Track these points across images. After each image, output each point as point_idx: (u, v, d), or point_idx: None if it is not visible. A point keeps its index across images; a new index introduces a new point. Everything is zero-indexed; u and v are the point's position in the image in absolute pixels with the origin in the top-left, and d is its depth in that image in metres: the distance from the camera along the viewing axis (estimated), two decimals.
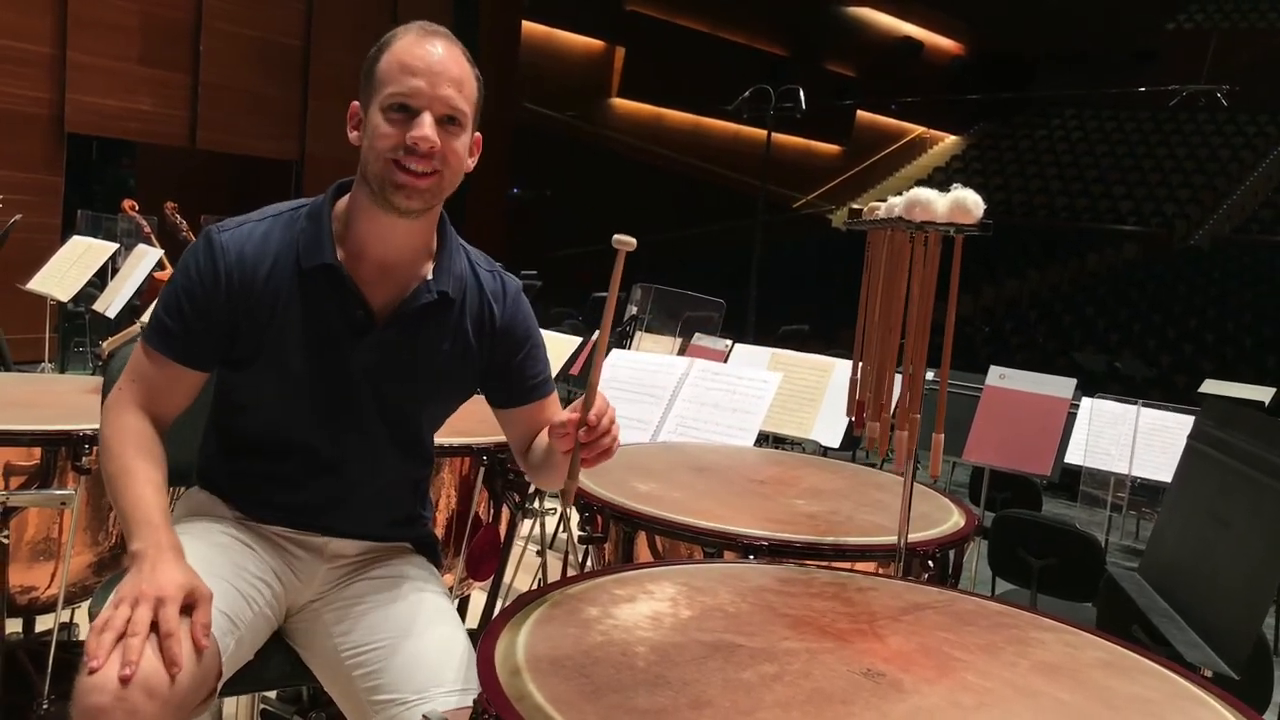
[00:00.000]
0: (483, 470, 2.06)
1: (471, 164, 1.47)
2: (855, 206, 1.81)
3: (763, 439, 2.86)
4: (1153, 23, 21.36)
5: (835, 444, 3.17)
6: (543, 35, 16.55)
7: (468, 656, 1.39)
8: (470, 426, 1.96)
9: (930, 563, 1.61)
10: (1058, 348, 12.30)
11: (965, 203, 1.40)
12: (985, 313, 15.40)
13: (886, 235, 1.60)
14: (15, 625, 2.33)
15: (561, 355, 3.62)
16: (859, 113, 21.73)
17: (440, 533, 2.00)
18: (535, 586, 2.06)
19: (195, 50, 9.44)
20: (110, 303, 4.93)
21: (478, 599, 2.38)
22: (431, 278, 1.47)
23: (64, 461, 1.89)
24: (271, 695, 2.32)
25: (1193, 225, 18.92)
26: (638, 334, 5.34)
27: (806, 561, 1.52)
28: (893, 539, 1.55)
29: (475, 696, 1.00)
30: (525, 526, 3.07)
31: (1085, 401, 4.24)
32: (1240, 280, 15.62)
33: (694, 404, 2.56)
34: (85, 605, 1.92)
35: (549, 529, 2.92)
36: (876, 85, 20.64)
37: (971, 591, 1.45)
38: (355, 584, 1.50)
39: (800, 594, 1.34)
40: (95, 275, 5.20)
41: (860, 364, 1.74)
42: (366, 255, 1.45)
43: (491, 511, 2.13)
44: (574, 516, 1.79)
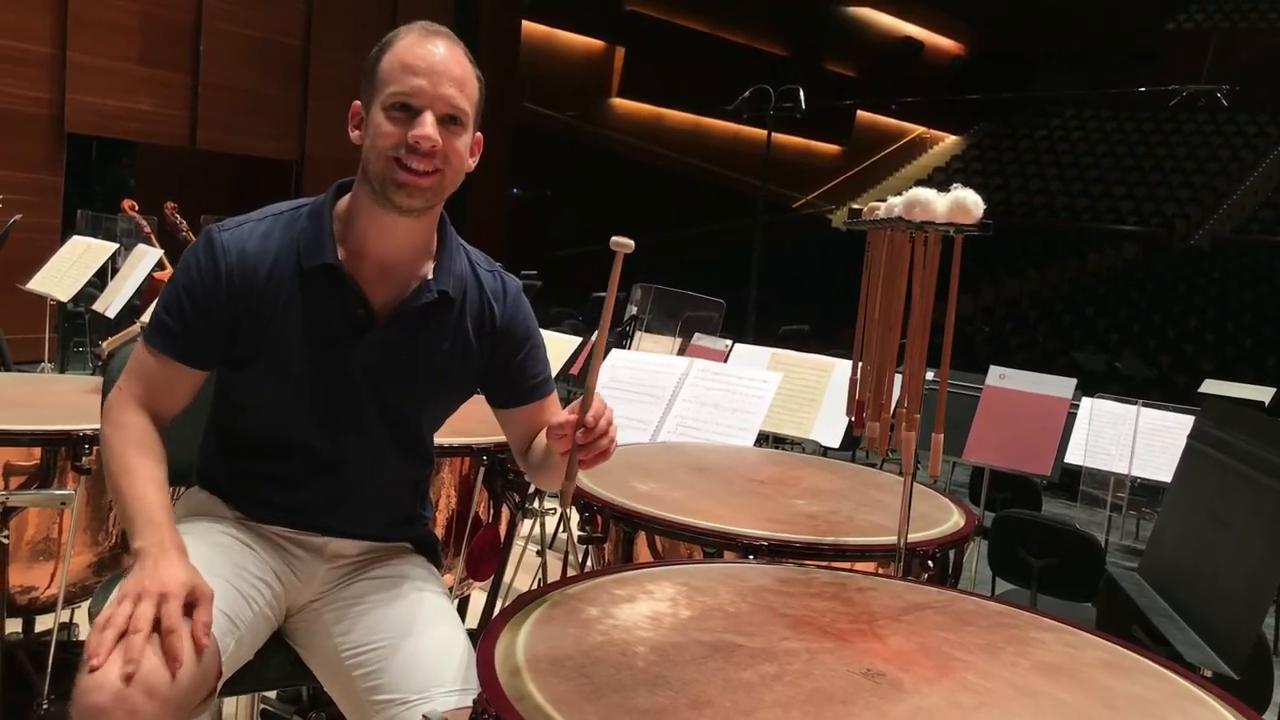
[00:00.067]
0: (483, 470, 2.06)
1: (473, 164, 1.47)
2: (855, 206, 1.81)
3: (763, 439, 2.86)
4: (1153, 23, 21.36)
5: (835, 444, 3.17)
6: (543, 35, 16.55)
7: (467, 656, 1.39)
8: (470, 426, 1.96)
9: (930, 563, 1.61)
10: (1058, 348, 12.30)
11: (965, 203, 1.40)
12: (985, 313, 15.40)
13: (886, 235, 1.60)
14: (15, 625, 2.33)
15: (561, 355, 3.62)
16: (859, 113, 21.73)
17: (440, 533, 2.00)
18: (535, 586, 2.06)
19: (195, 50, 9.44)
20: (110, 303, 4.93)
21: (478, 599, 2.38)
22: (432, 277, 1.47)
23: (64, 461, 1.89)
24: (271, 695, 2.32)
25: (1193, 225, 18.92)
26: (638, 334, 5.34)
27: (806, 561, 1.52)
28: (893, 539, 1.55)
29: (475, 696, 1.00)
30: (525, 526, 3.07)
31: (1085, 401, 4.24)
32: (1240, 280, 15.62)
33: (694, 404, 2.56)
34: (85, 605, 1.92)
35: (549, 529, 2.92)
36: (876, 85, 20.64)
37: (971, 591, 1.45)
38: (355, 584, 1.50)
39: (800, 594, 1.34)
40: (95, 275, 5.20)
41: (860, 364, 1.74)
42: (367, 254, 1.45)
43: (491, 511, 2.13)
44: (574, 516, 1.80)
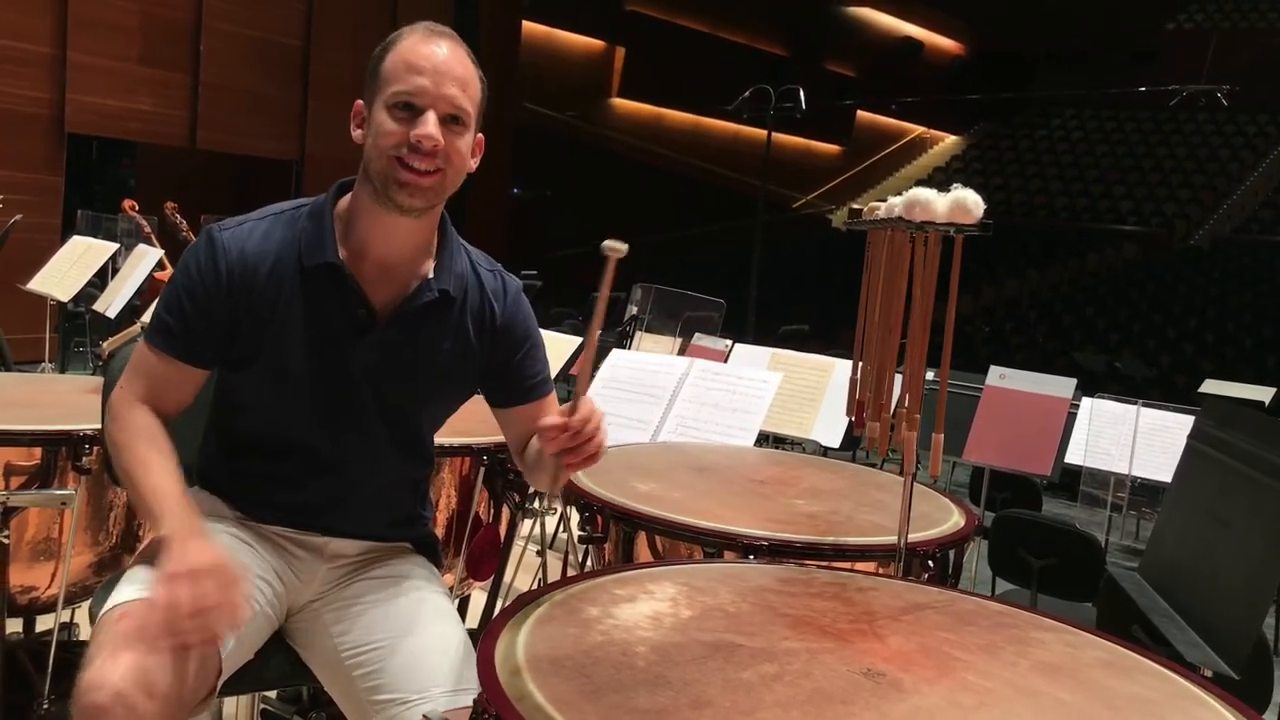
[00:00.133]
0: (483, 470, 2.06)
1: (474, 165, 1.47)
2: (855, 206, 1.81)
3: (763, 439, 2.86)
4: (1153, 23, 21.35)
5: (835, 444, 3.17)
6: (543, 35, 16.54)
7: (468, 656, 1.39)
8: (470, 426, 1.96)
9: (930, 563, 1.61)
10: (1058, 348, 12.30)
11: (965, 203, 1.40)
12: (985, 313, 15.39)
13: (886, 235, 1.60)
14: (16, 625, 2.33)
15: (561, 355, 3.62)
16: (859, 113, 21.72)
17: (440, 533, 2.00)
18: (535, 586, 2.06)
19: (195, 50, 9.43)
20: (110, 303, 4.92)
21: (478, 599, 2.38)
22: (432, 276, 1.47)
23: (64, 461, 1.89)
24: (272, 695, 2.32)
25: (1193, 225, 18.91)
26: (638, 334, 5.34)
27: (806, 561, 1.52)
28: (893, 539, 1.55)
29: (475, 696, 1.00)
30: (525, 526, 3.07)
31: (1085, 401, 4.24)
32: (1240, 280, 15.62)
33: (694, 404, 2.56)
34: (85, 605, 1.91)
35: (549, 529, 2.92)
36: (876, 85, 20.63)
37: (971, 591, 1.45)
38: (355, 584, 1.50)
39: (800, 594, 1.34)
40: (95, 275, 5.20)
41: (860, 364, 1.74)
42: (368, 254, 1.45)
43: (491, 511, 2.13)
44: (574, 516, 1.80)
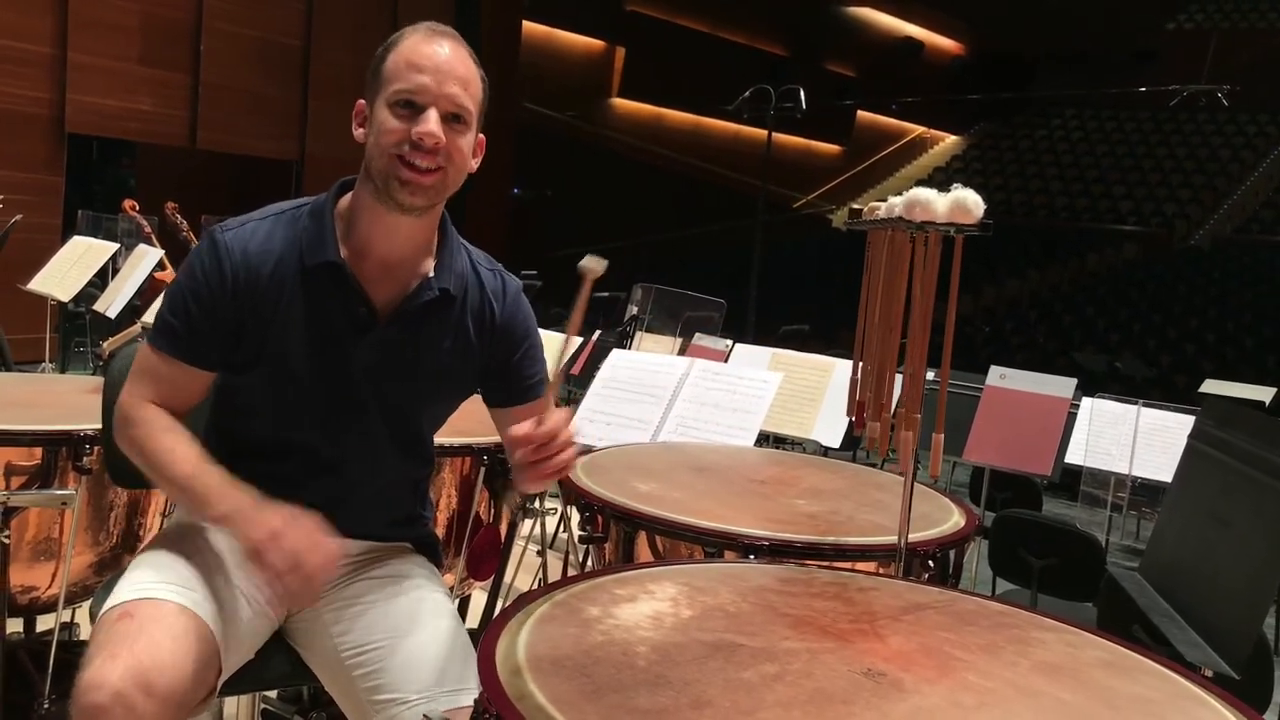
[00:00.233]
0: (483, 470, 2.07)
1: (475, 165, 1.48)
2: (855, 206, 1.81)
3: (763, 439, 2.86)
4: (1153, 23, 21.34)
5: (836, 444, 3.16)
6: (543, 35, 16.54)
7: (468, 656, 1.39)
8: (470, 426, 1.96)
9: (931, 563, 1.61)
10: (1058, 348, 12.30)
11: (965, 203, 1.40)
12: (985, 313, 15.39)
13: (887, 235, 1.60)
14: (16, 625, 2.33)
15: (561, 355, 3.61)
16: (859, 113, 21.72)
17: (441, 532, 2.00)
18: (535, 586, 2.06)
19: (195, 50, 9.44)
20: (111, 303, 4.92)
21: (478, 599, 2.38)
22: (433, 275, 1.48)
23: (65, 461, 1.89)
24: (272, 695, 2.32)
25: (1193, 225, 18.91)
26: (638, 334, 5.34)
27: (807, 561, 1.52)
28: (893, 539, 1.55)
29: (476, 696, 1.00)
30: (526, 526, 3.07)
31: (1085, 401, 4.24)
32: (1241, 280, 15.62)
33: (694, 404, 2.56)
34: (86, 605, 1.91)
35: (549, 529, 2.92)
36: (877, 85, 20.63)
37: (972, 591, 1.45)
38: (356, 584, 1.50)
39: (801, 594, 1.34)
40: (96, 275, 5.20)
41: (860, 364, 1.73)
42: (369, 253, 1.45)
43: (492, 511, 2.14)
44: (574, 517, 1.80)
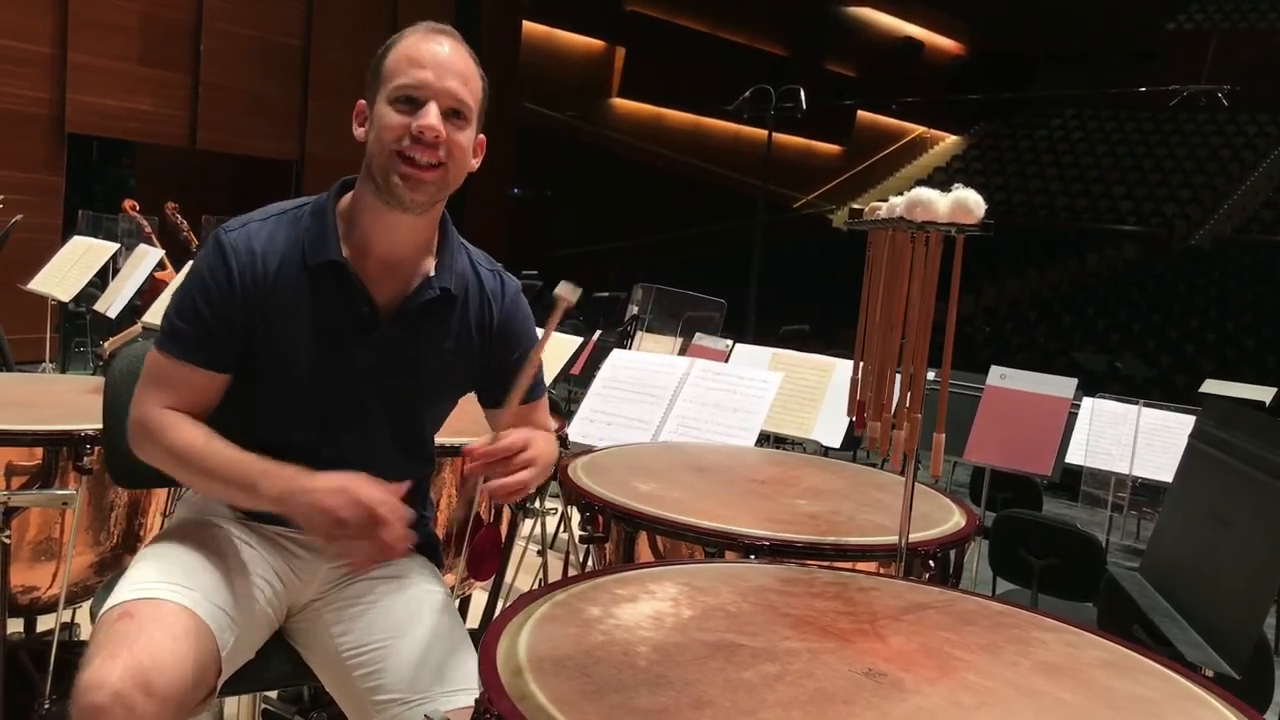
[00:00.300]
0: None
1: (476, 164, 1.48)
2: (856, 206, 1.81)
3: (763, 439, 2.86)
4: (1153, 23, 21.34)
5: (836, 444, 3.16)
6: (543, 35, 16.54)
7: (469, 656, 1.39)
8: (470, 427, 1.95)
9: (931, 562, 1.61)
10: (1058, 348, 12.29)
11: (967, 203, 1.40)
12: (986, 313, 15.39)
13: (888, 235, 1.60)
14: (17, 625, 2.33)
15: (561, 355, 3.62)
16: (859, 113, 21.73)
17: (441, 533, 2.00)
18: (536, 586, 2.06)
19: (195, 50, 9.44)
20: (111, 303, 4.92)
21: (479, 599, 2.39)
22: (434, 274, 1.48)
23: (65, 461, 1.89)
24: (273, 695, 2.32)
25: (1193, 225, 18.91)
26: (638, 334, 5.34)
27: (808, 561, 1.52)
28: (894, 539, 1.55)
29: (477, 696, 1.00)
30: (526, 527, 3.07)
31: (1086, 401, 4.23)
32: (1241, 280, 15.62)
33: (695, 404, 2.56)
34: (87, 605, 1.91)
35: (550, 529, 2.92)
36: (877, 85, 20.63)
37: (972, 591, 1.45)
38: (356, 583, 1.50)
39: (802, 594, 1.34)
40: (96, 275, 5.20)
41: (861, 364, 1.73)
42: (371, 252, 1.45)
43: (492, 511, 2.13)
44: (575, 517, 1.80)
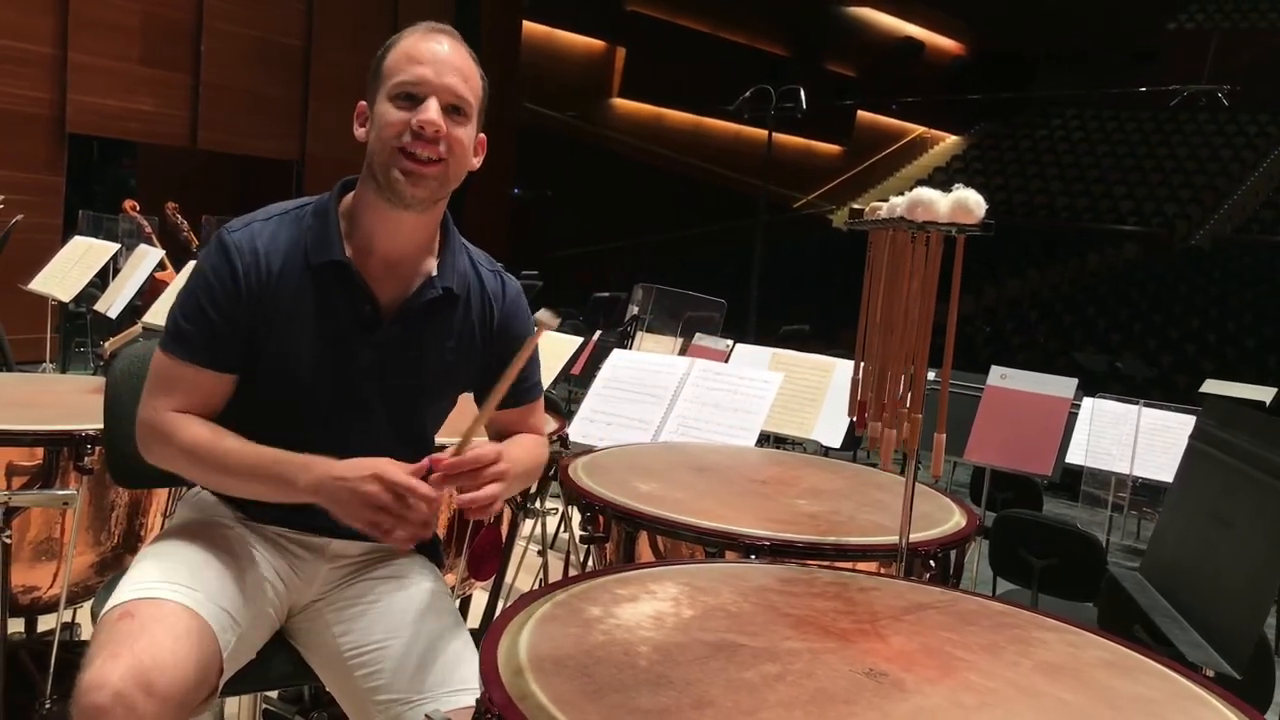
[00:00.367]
0: None
1: (477, 163, 1.48)
2: (856, 206, 1.81)
3: (764, 439, 2.86)
4: (1153, 23, 21.33)
5: (836, 444, 3.16)
6: (543, 35, 16.54)
7: (470, 656, 1.39)
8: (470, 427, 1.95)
9: (932, 562, 1.61)
10: (1059, 348, 12.29)
11: (967, 203, 1.40)
12: (986, 313, 15.39)
13: (888, 235, 1.60)
14: (17, 625, 2.33)
15: (562, 355, 3.62)
16: (859, 113, 21.72)
17: (442, 533, 2.00)
18: (537, 586, 2.06)
19: (196, 50, 9.44)
20: (112, 303, 4.92)
21: (479, 599, 2.38)
22: (436, 274, 1.48)
23: (66, 462, 1.89)
24: (273, 695, 2.32)
25: (1194, 225, 18.91)
26: (639, 334, 5.34)
27: (808, 561, 1.52)
28: (894, 539, 1.55)
29: (478, 696, 1.00)
30: (526, 527, 3.07)
31: (1086, 401, 4.23)
32: (1241, 280, 15.61)
33: (695, 404, 2.56)
34: (87, 605, 1.91)
35: (550, 529, 2.92)
36: (877, 85, 20.63)
37: (973, 591, 1.45)
38: (357, 584, 1.50)
39: (802, 594, 1.34)
40: (96, 275, 5.20)
41: (862, 364, 1.73)
42: (373, 251, 1.45)
43: (500, 508, 2.13)
44: (575, 517, 1.80)
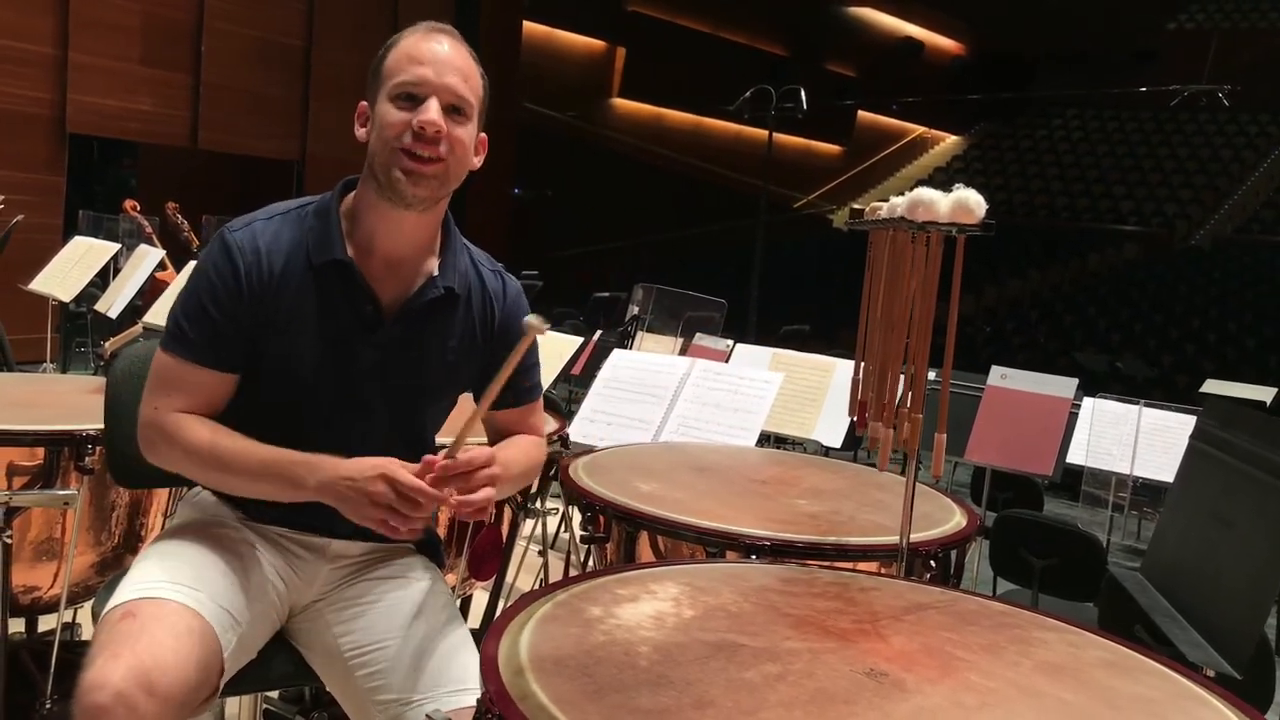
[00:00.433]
0: None
1: (477, 163, 1.48)
2: (856, 206, 1.81)
3: (764, 439, 2.86)
4: (1153, 23, 21.32)
5: (837, 444, 3.16)
6: (543, 35, 16.54)
7: (471, 656, 1.39)
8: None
9: (932, 562, 1.61)
10: (1059, 347, 12.29)
11: (968, 203, 1.40)
12: (987, 313, 15.39)
13: (888, 235, 1.60)
14: (18, 625, 2.33)
15: (562, 355, 3.61)
16: (860, 113, 21.72)
17: (442, 533, 2.00)
18: (537, 586, 2.06)
19: (196, 50, 9.44)
20: (112, 303, 4.92)
21: (480, 599, 2.39)
22: (437, 274, 1.48)
23: (67, 462, 1.89)
24: (274, 695, 2.32)
25: (1194, 225, 18.90)
26: (639, 334, 5.34)
27: (809, 561, 1.52)
28: (895, 539, 1.55)
29: (478, 696, 1.00)
30: (527, 527, 3.07)
31: (1087, 401, 4.23)
32: (1241, 280, 15.61)
33: (696, 404, 2.56)
34: (88, 605, 1.92)
35: (551, 529, 2.92)
36: (877, 85, 20.63)
37: (973, 591, 1.45)
38: (358, 584, 1.50)
39: (803, 594, 1.34)
40: (97, 275, 5.20)
41: (862, 364, 1.74)
42: (374, 251, 1.45)
43: (493, 511, 2.13)
44: (576, 517, 1.80)
